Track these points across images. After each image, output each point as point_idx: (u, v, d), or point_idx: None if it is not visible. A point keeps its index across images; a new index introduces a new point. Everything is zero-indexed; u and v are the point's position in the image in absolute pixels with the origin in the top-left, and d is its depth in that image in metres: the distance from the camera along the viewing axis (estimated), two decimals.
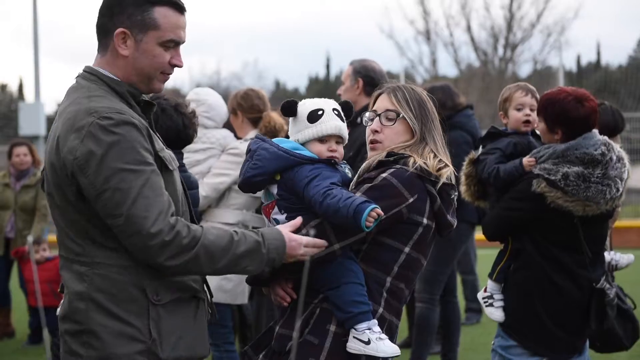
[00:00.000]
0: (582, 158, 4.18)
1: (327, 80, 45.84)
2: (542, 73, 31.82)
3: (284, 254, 2.86)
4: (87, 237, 2.78)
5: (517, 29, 33.51)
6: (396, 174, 3.04)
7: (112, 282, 2.76)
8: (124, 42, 2.81)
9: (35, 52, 18.54)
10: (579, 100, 4.26)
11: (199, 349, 2.92)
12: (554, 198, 4.17)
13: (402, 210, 3.01)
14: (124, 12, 2.80)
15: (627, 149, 18.88)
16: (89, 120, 2.68)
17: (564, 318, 4.29)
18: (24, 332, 9.24)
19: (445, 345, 7.12)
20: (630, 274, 12.13)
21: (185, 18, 2.88)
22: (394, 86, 3.26)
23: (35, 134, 17.44)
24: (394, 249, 3.04)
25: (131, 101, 2.85)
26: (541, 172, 4.21)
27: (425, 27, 34.13)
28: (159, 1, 2.81)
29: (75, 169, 2.68)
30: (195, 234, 2.73)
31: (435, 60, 34.44)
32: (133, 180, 2.66)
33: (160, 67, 2.86)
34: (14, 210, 9.06)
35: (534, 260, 4.28)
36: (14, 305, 9.52)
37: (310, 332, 3.01)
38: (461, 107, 6.95)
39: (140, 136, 2.71)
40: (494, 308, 4.39)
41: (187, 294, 2.88)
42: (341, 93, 5.87)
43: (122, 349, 2.74)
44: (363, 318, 2.93)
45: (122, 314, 2.75)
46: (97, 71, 2.86)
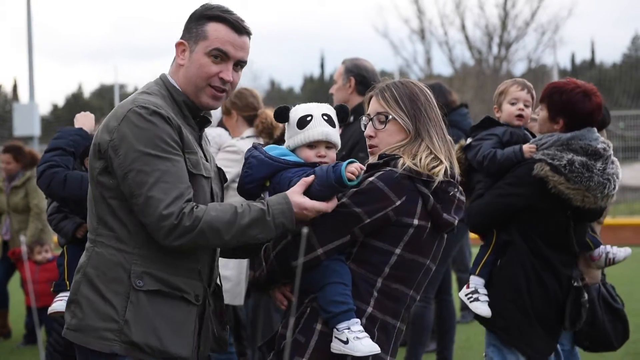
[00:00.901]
0: (586, 149, 4.17)
1: (321, 80, 45.87)
2: (537, 71, 31.81)
3: (291, 216, 2.93)
4: (98, 215, 3.01)
5: (511, 27, 33.53)
6: (383, 177, 3.01)
7: (105, 261, 2.96)
8: (182, 53, 3.07)
9: (29, 53, 18.54)
10: (587, 94, 4.27)
11: (175, 347, 2.98)
12: (557, 183, 4.13)
13: (388, 213, 2.98)
14: (187, 26, 3.08)
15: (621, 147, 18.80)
16: (128, 108, 2.94)
17: (548, 317, 4.26)
18: (20, 333, 9.24)
19: (440, 344, 7.13)
20: (626, 271, 12.17)
21: (242, 39, 3.07)
22: (382, 86, 3.21)
23: (30, 134, 17.44)
24: (384, 250, 3.02)
25: (185, 111, 3.07)
26: (544, 157, 4.18)
27: (419, 26, 34.16)
28: (215, 17, 3.04)
29: (109, 149, 2.92)
30: (197, 214, 2.87)
31: (430, 59, 34.46)
32: (157, 164, 2.87)
33: (206, 76, 3.03)
34: (8, 212, 9.10)
35: (523, 256, 4.24)
36: (10, 306, 9.52)
37: (300, 331, 3.05)
38: (454, 105, 6.95)
39: (171, 129, 2.92)
40: (479, 302, 4.30)
41: (173, 291, 2.99)
42: (333, 92, 5.86)
43: (97, 323, 2.93)
44: (342, 318, 2.94)
45: (105, 292, 2.94)
46: (165, 77, 3.11)
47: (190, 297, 3.03)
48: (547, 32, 32.99)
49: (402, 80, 3.23)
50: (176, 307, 3.00)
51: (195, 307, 3.05)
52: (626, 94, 28.05)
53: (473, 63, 34.29)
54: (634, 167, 20.19)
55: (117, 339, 2.92)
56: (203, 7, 3.09)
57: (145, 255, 2.96)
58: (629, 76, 29.23)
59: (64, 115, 38.29)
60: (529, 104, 4.60)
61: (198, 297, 3.06)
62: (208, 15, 3.04)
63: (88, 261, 3.00)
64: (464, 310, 9.40)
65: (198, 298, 3.06)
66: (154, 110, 2.92)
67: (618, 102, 25.63)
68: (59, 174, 4.20)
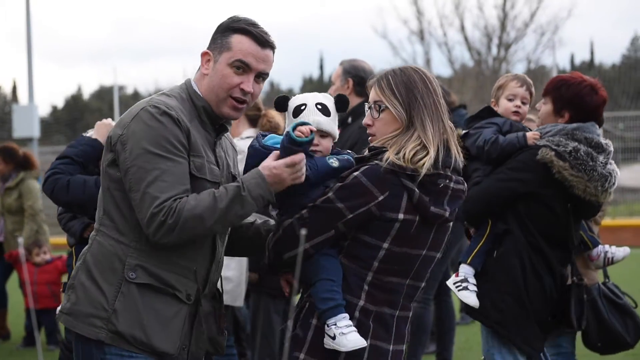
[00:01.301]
0: (590, 140, 4.16)
1: (321, 81, 45.88)
2: (536, 72, 31.78)
3: (266, 186, 2.99)
4: (104, 206, 3.11)
5: (510, 28, 33.50)
6: (367, 171, 3.00)
7: (103, 250, 3.06)
8: (207, 63, 3.15)
9: (28, 55, 18.54)
10: (594, 88, 4.29)
11: (159, 342, 3.04)
12: (561, 168, 4.09)
13: (371, 208, 2.97)
14: (213, 37, 3.17)
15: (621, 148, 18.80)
16: (142, 106, 3.04)
17: (542, 313, 4.21)
18: (19, 334, 9.24)
19: (439, 345, 7.13)
20: (625, 272, 12.18)
21: (265, 52, 3.13)
22: (380, 75, 3.19)
23: (29, 135, 17.44)
24: (372, 245, 3.02)
25: (203, 116, 3.14)
26: (549, 143, 4.15)
27: (418, 27, 34.12)
28: (240, 30, 3.12)
29: (118, 143, 3.02)
30: (179, 208, 2.94)
31: (429, 60, 34.39)
32: (158, 163, 2.95)
33: (228, 87, 3.10)
34: (2, 213, 9.11)
35: (521, 246, 4.17)
36: (9, 307, 9.51)
37: (299, 325, 3.09)
38: (453, 105, 6.94)
39: (179, 130, 3.00)
40: (468, 292, 4.20)
41: (165, 287, 3.05)
42: (332, 93, 5.85)
43: (87, 309, 3.03)
44: (330, 314, 2.97)
45: (99, 280, 3.03)
46: (189, 82, 3.20)
47: (182, 295, 3.08)
48: (546, 33, 32.99)
49: (402, 67, 3.18)
50: (166, 303, 3.06)
51: (186, 306, 3.10)
52: (625, 94, 28.04)
53: (472, 64, 34.27)
54: (634, 168, 20.19)
55: (104, 327, 3.00)
56: (230, 20, 3.17)
57: (141, 249, 3.04)
58: (628, 77, 29.23)
59: (63, 116, 38.31)
60: (527, 101, 4.55)
61: (190, 297, 3.11)
62: (234, 28, 3.12)
63: (89, 249, 3.11)
64: (464, 311, 9.39)
65: (190, 297, 3.11)
66: (164, 110, 3.01)
67: (617, 103, 25.62)
68: (62, 179, 4.28)
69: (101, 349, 3.02)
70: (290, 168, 2.98)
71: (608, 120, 19.81)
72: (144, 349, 3.03)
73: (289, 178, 3.00)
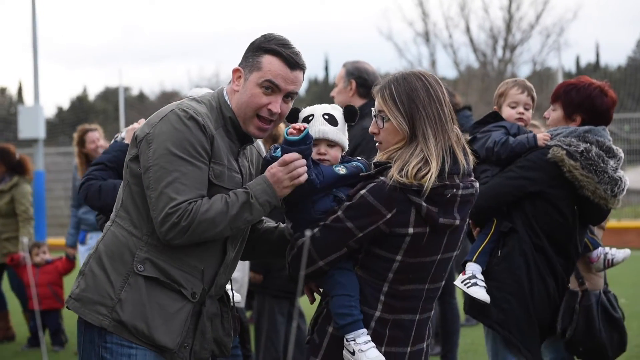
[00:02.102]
0: (601, 144, 4.16)
1: (326, 83, 45.85)
2: (541, 74, 31.76)
3: (272, 192, 3.08)
4: (122, 197, 3.21)
5: (516, 30, 33.47)
6: (373, 190, 3.01)
7: (116, 240, 3.16)
8: (238, 79, 3.22)
9: (34, 56, 18.54)
10: (603, 90, 4.29)
11: (160, 335, 3.11)
12: (572, 167, 4.09)
13: (380, 226, 2.99)
14: (245, 55, 3.23)
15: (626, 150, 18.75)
16: (171, 109, 3.13)
17: (544, 317, 4.20)
18: (24, 335, 9.25)
19: (444, 346, 7.12)
20: (629, 275, 12.14)
21: (295, 73, 3.18)
22: (383, 83, 3.17)
23: (35, 137, 17.42)
24: (386, 258, 3.05)
25: (229, 126, 3.20)
26: (560, 143, 4.15)
27: (424, 29, 34.10)
28: (271, 50, 3.17)
29: (144, 141, 3.10)
30: (193, 211, 3.02)
31: (435, 61, 34.37)
32: (179, 165, 3.03)
33: (256, 106, 3.16)
34: None
35: (526, 246, 4.17)
36: (12, 309, 9.52)
37: (317, 330, 3.16)
38: (458, 107, 6.94)
39: (203, 136, 3.08)
40: (478, 287, 4.19)
41: (171, 282, 3.13)
42: (334, 95, 5.85)
43: (94, 297, 3.12)
44: (349, 329, 3.03)
45: (109, 269, 3.13)
46: (221, 91, 3.27)
47: (187, 292, 3.15)
48: (551, 34, 32.93)
49: (405, 74, 3.15)
50: (170, 299, 3.13)
51: (190, 304, 3.17)
52: (631, 96, 27.96)
53: (478, 66, 34.24)
54: (639, 170, 20.16)
55: (108, 315, 3.10)
56: (262, 39, 3.22)
57: (152, 243, 3.12)
58: (633, 79, 29.12)
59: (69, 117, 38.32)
60: (529, 106, 4.56)
61: (195, 295, 3.17)
62: (265, 48, 3.18)
63: (103, 238, 3.22)
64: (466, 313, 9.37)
65: (195, 296, 3.17)
66: (192, 115, 3.08)
67: (623, 105, 25.57)
68: (94, 185, 4.42)
69: (103, 336, 3.11)
70: (284, 167, 3.04)
71: (613, 122, 19.70)
72: (144, 341, 3.10)
73: (286, 177, 3.05)
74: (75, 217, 8.88)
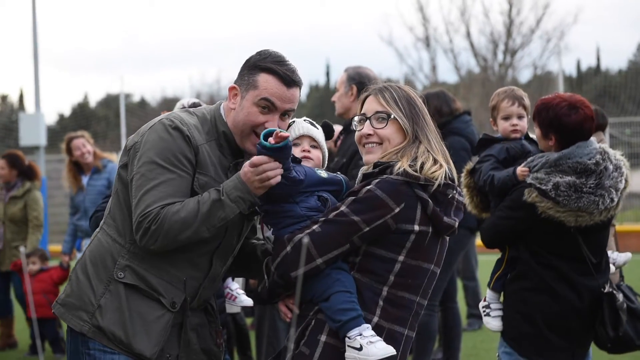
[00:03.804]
0: (574, 167, 4.13)
1: (327, 88, 45.84)
2: (542, 78, 31.76)
3: (244, 187, 3.04)
4: (110, 205, 3.25)
5: (516, 34, 33.49)
6: (381, 184, 3.00)
7: (100, 247, 3.19)
8: (234, 97, 3.23)
9: (35, 63, 18.57)
10: (573, 106, 4.22)
11: (138, 343, 3.10)
12: (545, 208, 4.13)
13: (387, 221, 2.98)
14: (241, 72, 3.24)
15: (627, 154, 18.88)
16: (160, 118, 3.17)
17: (564, 326, 4.25)
18: (26, 343, 9.25)
19: (446, 352, 7.11)
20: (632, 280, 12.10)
21: (291, 91, 3.19)
22: (380, 87, 3.22)
23: (36, 144, 17.45)
24: (388, 259, 3.02)
25: (222, 140, 3.21)
26: (533, 181, 4.17)
27: (424, 34, 34.14)
28: (267, 69, 3.17)
29: (132, 149, 3.14)
30: (162, 213, 3.02)
31: (435, 66, 34.43)
32: (159, 174, 3.06)
33: (252, 124, 3.17)
34: (3, 222, 9.09)
35: (531, 269, 4.25)
36: (15, 316, 9.51)
37: (305, 343, 3.05)
38: (458, 112, 6.94)
39: (186, 146, 3.10)
40: (490, 318, 4.39)
41: (150, 291, 3.13)
42: (336, 100, 5.86)
43: (76, 302, 3.16)
44: (353, 324, 2.94)
45: (91, 275, 3.16)
46: (218, 105, 3.29)
47: (166, 302, 3.15)
48: (552, 39, 32.96)
49: (398, 85, 3.26)
50: (149, 307, 3.13)
51: (169, 313, 3.16)
52: (632, 100, 27.92)
53: (478, 70, 34.26)
54: None
55: (88, 321, 3.12)
56: (258, 56, 3.22)
57: (134, 251, 3.14)
58: (634, 83, 29.08)
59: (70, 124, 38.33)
60: (523, 115, 4.65)
61: (174, 305, 3.16)
62: (261, 66, 3.18)
63: (90, 245, 3.25)
64: (470, 318, 9.37)
65: (174, 305, 3.16)
66: (177, 125, 3.11)
67: (624, 109, 25.55)
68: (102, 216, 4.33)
69: (85, 343, 3.14)
70: (254, 168, 3.02)
71: (615, 125, 19.78)
72: (122, 348, 3.10)
73: (256, 179, 3.02)
74: (72, 224, 8.89)
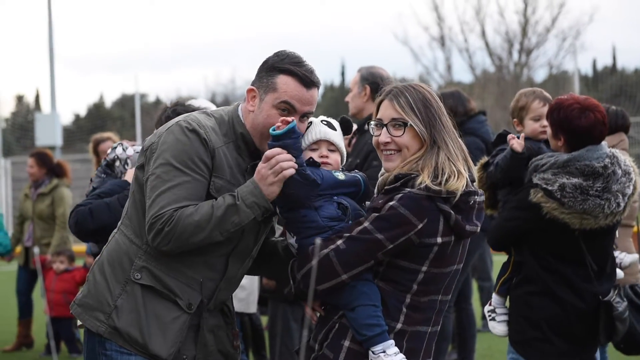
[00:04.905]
0: (582, 170, 4.09)
1: (342, 88, 45.83)
2: (558, 78, 31.61)
3: (259, 193, 3.03)
4: (128, 206, 3.24)
5: (531, 33, 33.33)
6: (404, 200, 2.97)
7: (118, 248, 3.19)
8: (252, 99, 3.19)
9: (50, 63, 18.68)
10: (584, 109, 4.16)
11: (154, 344, 3.10)
12: (550, 209, 4.08)
13: (411, 237, 2.97)
14: (259, 74, 3.21)
15: None
16: (177, 120, 3.16)
17: (568, 330, 4.21)
18: (42, 342, 9.29)
19: (461, 353, 7.10)
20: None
21: (310, 92, 3.16)
22: (395, 91, 3.14)
23: (52, 144, 17.55)
24: (411, 270, 3.02)
25: (240, 142, 3.19)
26: (539, 181, 4.13)
27: (439, 33, 34.03)
28: (286, 70, 3.14)
29: (149, 150, 3.14)
30: (176, 216, 3.02)
31: (450, 66, 34.28)
32: (174, 176, 3.05)
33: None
34: (32, 219, 9.12)
35: (535, 273, 4.22)
36: (34, 316, 9.54)
37: (328, 346, 3.06)
38: (473, 112, 6.91)
39: (203, 149, 3.08)
40: (496, 322, 4.37)
41: (167, 292, 3.12)
42: (349, 100, 5.85)
43: (93, 303, 3.16)
44: (378, 340, 2.98)
45: (108, 275, 3.16)
46: (236, 107, 3.26)
47: (183, 303, 3.14)
48: (568, 38, 32.78)
49: (414, 85, 3.16)
50: (166, 308, 3.13)
51: (185, 315, 3.15)
52: None
53: (493, 70, 34.12)
54: None
55: (105, 322, 3.12)
56: (276, 58, 3.19)
57: (151, 253, 3.12)
58: None
59: (85, 125, 38.55)
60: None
61: (191, 306, 3.15)
62: (280, 68, 3.15)
63: (107, 245, 3.25)
64: (485, 319, 9.33)
65: (191, 307, 3.15)
66: (194, 127, 3.09)
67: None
68: (83, 209, 4.21)
69: (102, 343, 3.13)
70: (267, 162, 3.02)
71: (631, 125, 19.63)
72: (138, 349, 3.10)
73: (270, 173, 3.01)
74: None
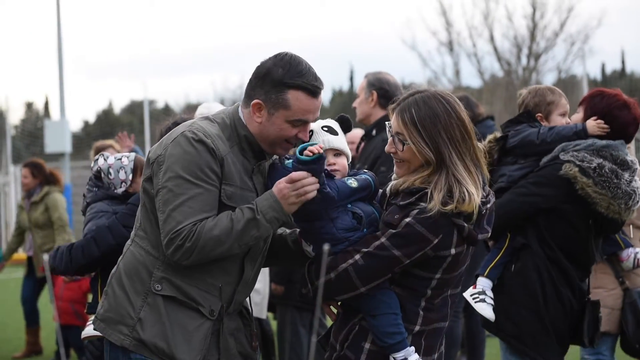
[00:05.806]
0: (616, 157, 4.13)
1: (350, 93, 45.82)
2: (567, 82, 31.53)
3: (279, 207, 3.06)
4: (140, 217, 3.24)
5: (540, 38, 33.27)
6: (419, 217, 3.01)
7: (134, 260, 3.20)
8: (258, 111, 3.18)
9: (59, 70, 18.73)
10: (627, 105, 4.25)
11: (180, 353, 3.13)
12: (585, 185, 4.06)
13: (427, 252, 3.03)
14: (263, 87, 3.17)
15: None
16: (182, 130, 3.14)
17: (561, 328, 4.18)
18: (52, 349, 9.31)
19: (470, 358, 7.09)
20: None
21: (317, 100, 3.18)
22: (403, 105, 3.12)
23: (61, 150, 17.59)
24: (425, 277, 3.09)
25: (244, 144, 3.20)
26: (573, 158, 4.12)
27: (448, 38, 33.98)
28: (294, 85, 3.13)
29: (155, 163, 3.13)
30: (197, 231, 3.03)
31: (459, 71, 34.24)
32: (187, 189, 3.05)
33: (285, 137, 3.18)
34: (30, 229, 9.17)
35: (540, 261, 4.16)
36: (41, 324, 9.57)
37: (348, 347, 3.15)
38: (481, 117, 6.92)
39: (212, 159, 3.09)
40: (485, 304, 4.23)
41: (188, 301, 3.15)
42: (356, 106, 5.87)
43: (116, 317, 3.18)
44: (399, 347, 3.05)
45: (128, 288, 3.17)
46: (236, 109, 3.26)
47: (205, 310, 3.17)
48: (576, 42, 32.68)
49: (425, 96, 3.12)
50: (189, 317, 3.15)
51: (209, 321, 3.18)
52: None
53: (502, 74, 34.06)
54: None
55: (129, 335, 3.14)
56: (282, 73, 3.14)
57: (169, 263, 3.14)
58: None
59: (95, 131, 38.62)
60: None
61: (213, 312, 3.18)
62: (288, 84, 3.13)
63: (122, 258, 3.26)
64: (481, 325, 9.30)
65: (213, 313, 3.18)
66: (200, 138, 3.09)
67: None
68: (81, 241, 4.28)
69: (127, 355, 3.15)
70: (291, 184, 3.03)
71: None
72: (165, 359, 3.12)
73: (292, 194, 3.04)
74: None
